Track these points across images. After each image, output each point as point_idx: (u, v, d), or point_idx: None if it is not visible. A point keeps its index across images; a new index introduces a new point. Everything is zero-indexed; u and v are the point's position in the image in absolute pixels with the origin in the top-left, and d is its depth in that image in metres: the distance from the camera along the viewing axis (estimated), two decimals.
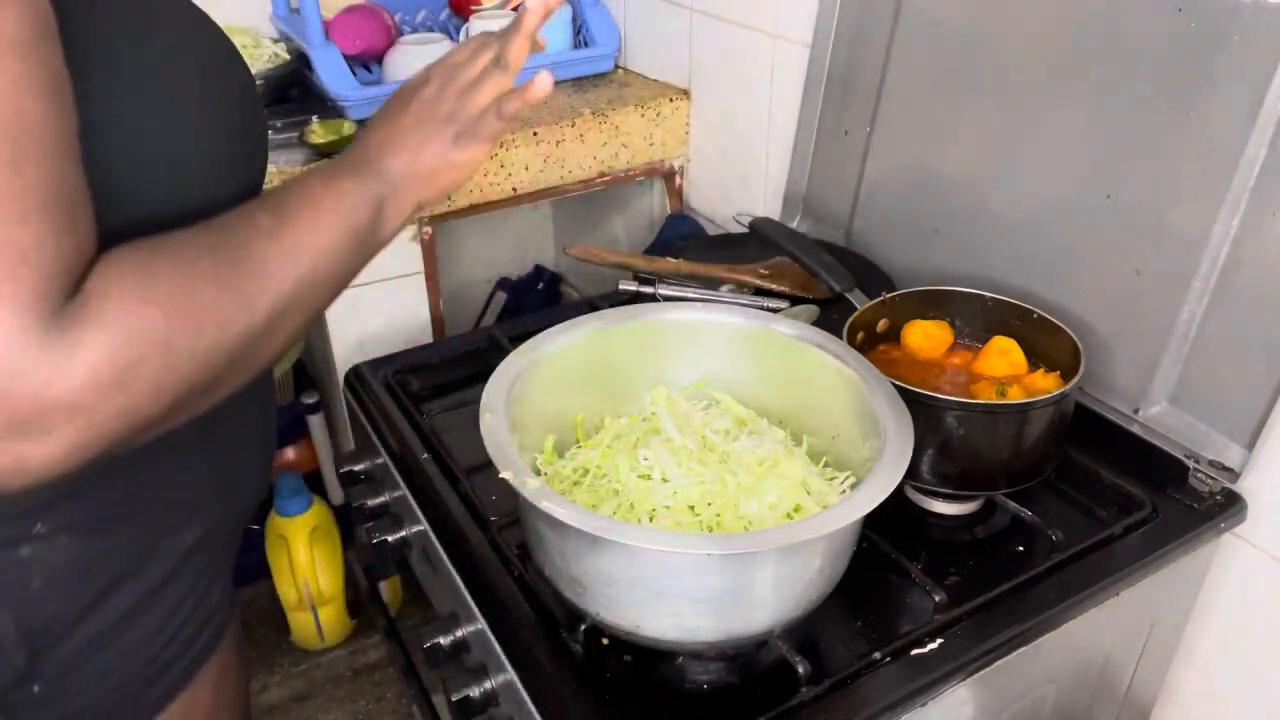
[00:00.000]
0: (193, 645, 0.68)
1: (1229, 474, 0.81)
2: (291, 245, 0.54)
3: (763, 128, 1.33)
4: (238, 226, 0.52)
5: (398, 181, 0.62)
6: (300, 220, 0.55)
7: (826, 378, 0.75)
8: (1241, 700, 0.92)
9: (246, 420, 0.70)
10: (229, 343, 0.49)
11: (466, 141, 0.64)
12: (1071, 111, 0.89)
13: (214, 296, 0.48)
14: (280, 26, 1.56)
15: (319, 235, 0.55)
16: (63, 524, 0.58)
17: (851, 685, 0.67)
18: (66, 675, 0.61)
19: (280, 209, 0.55)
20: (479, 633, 0.76)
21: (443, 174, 0.64)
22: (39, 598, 0.58)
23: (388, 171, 0.61)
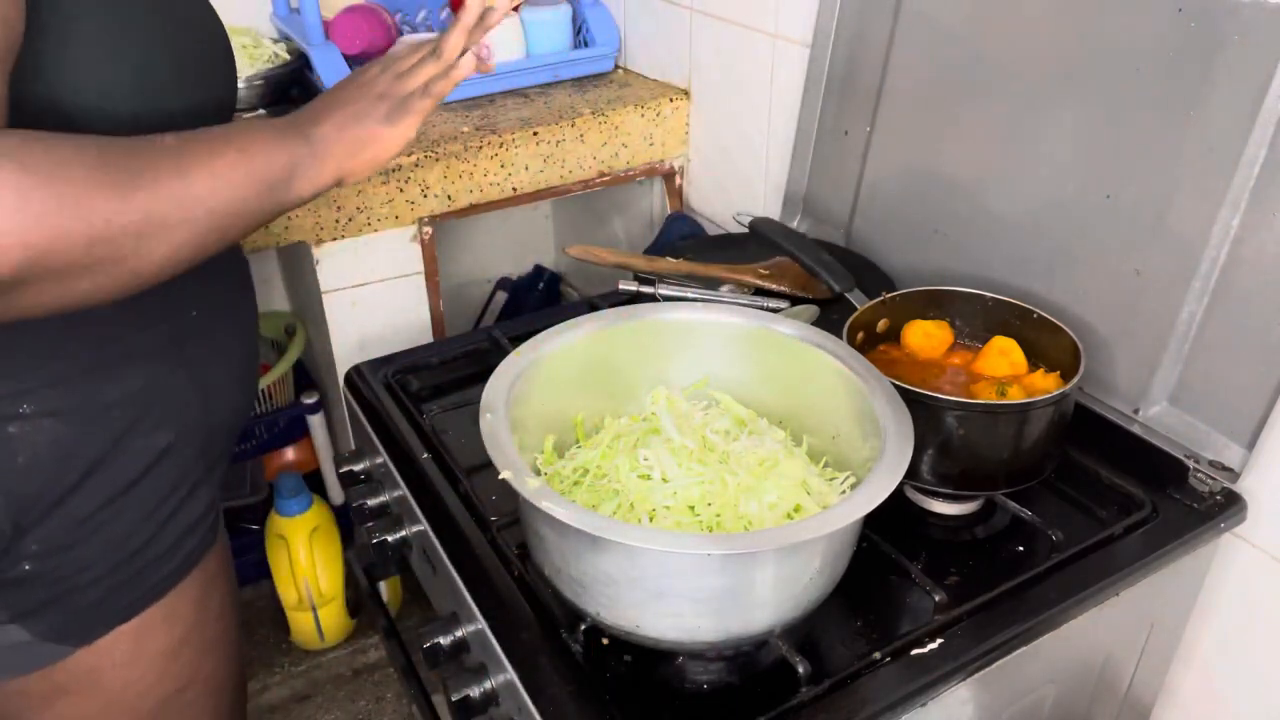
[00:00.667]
0: (174, 552, 0.74)
1: (1229, 474, 0.81)
2: (186, 165, 0.57)
3: (763, 128, 1.33)
4: (142, 139, 0.56)
5: (320, 146, 0.66)
6: (205, 149, 0.58)
7: (826, 378, 0.75)
8: (1241, 700, 0.92)
9: (223, 337, 0.76)
10: (95, 226, 0.51)
11: (396, 116, 0.69)
12: (1071, 111, 0.89)
13: (85, 178, 0.51)
14: (280, 26, 1.56)
15: (219, 165, 0.58)
16: (46, 409, 0.64)
17: (851, 685, 0.67)
18: (51, 556, 0.67)
19: (192, 136, 0.59)
20: (479, 633, 0.76)
21: (369, 145, 0.68)
22: (24, 473, 0.64)
23: (314, 135, 0.66)
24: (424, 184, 1.30)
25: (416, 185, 1.29)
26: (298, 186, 0.64)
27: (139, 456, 0.69)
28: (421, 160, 1.28)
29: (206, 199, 0.57)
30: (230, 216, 0.60)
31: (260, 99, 1.42)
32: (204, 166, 0.57)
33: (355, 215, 1.27)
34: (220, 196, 0.58)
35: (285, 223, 1.23)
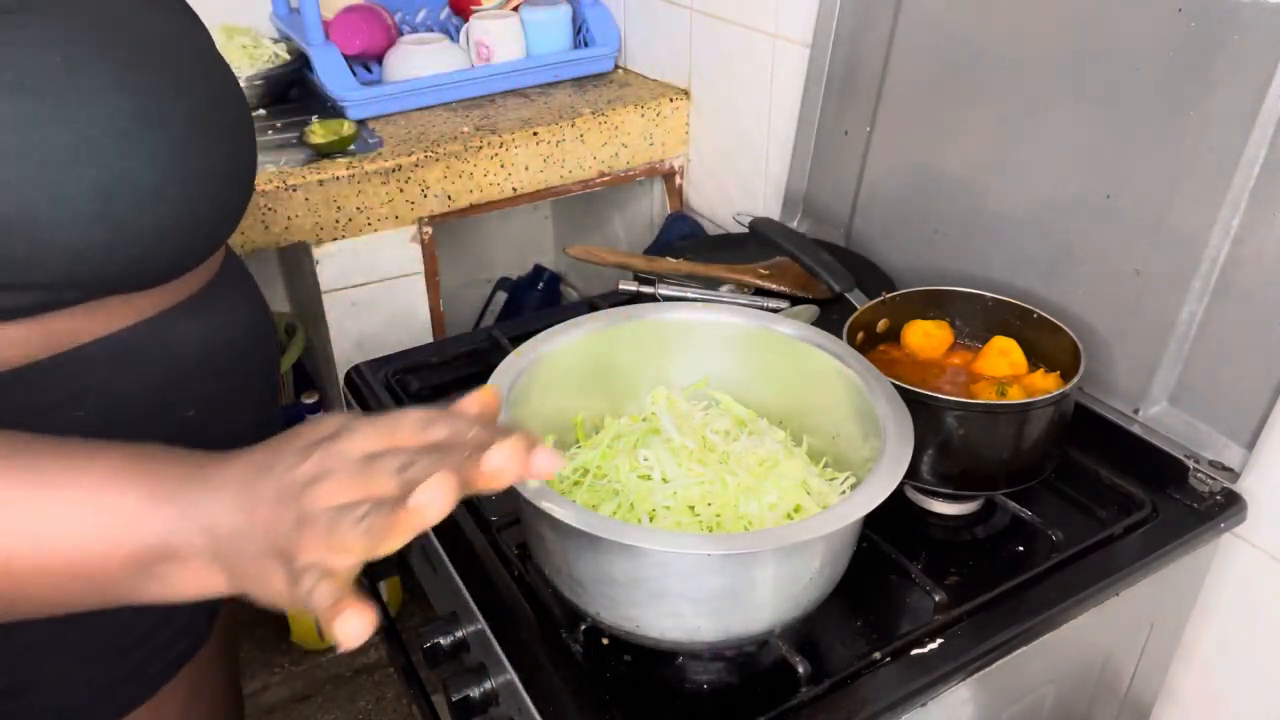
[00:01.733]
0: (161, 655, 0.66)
1: (1229, 474, 0.81)
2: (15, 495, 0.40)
3: (763, 128, 1.33)
4: None
5: (218, 542, 0.43)
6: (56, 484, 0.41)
7: (826, 378, 0.75)
8: (1241, 700, 0.92)
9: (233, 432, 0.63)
10: None
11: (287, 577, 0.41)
12: (1071, 111, 0.89)
13: None
14: (280, 26, 1.56)
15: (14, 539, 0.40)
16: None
17: (851, 685, 0.67)
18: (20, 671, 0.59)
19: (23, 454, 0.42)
20: (479, 633, 0.76)
21: (251, 582, 0.43)
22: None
23: (215, 522, 0.42)
24: (424, 184, 1.30)
25: (416, 185, 1.29)
26: (151, 588, 0.43)
27: None
28: (421, 160, 1.28)
29: None
30: (20, 591, 0.42)
31: (260, 99, 1.42)
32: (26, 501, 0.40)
33: (355, 215, 1.27)
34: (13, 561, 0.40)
35: (285, 223, 1.23)
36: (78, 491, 0.41)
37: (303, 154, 1.27)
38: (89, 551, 0.41)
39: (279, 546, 0.41)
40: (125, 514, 0.41)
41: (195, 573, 0.43)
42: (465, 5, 1.57)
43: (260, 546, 0.42)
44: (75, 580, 0.41)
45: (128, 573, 0.42)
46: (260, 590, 0.43)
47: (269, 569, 0.42)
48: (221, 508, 0.42)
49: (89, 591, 0.42)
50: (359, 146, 1.29)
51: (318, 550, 0.41)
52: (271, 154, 1.27)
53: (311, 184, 1.22)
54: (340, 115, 1.37)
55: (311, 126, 1.29)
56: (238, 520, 0.42)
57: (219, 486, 0.43)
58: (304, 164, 1.24)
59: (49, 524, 0.41)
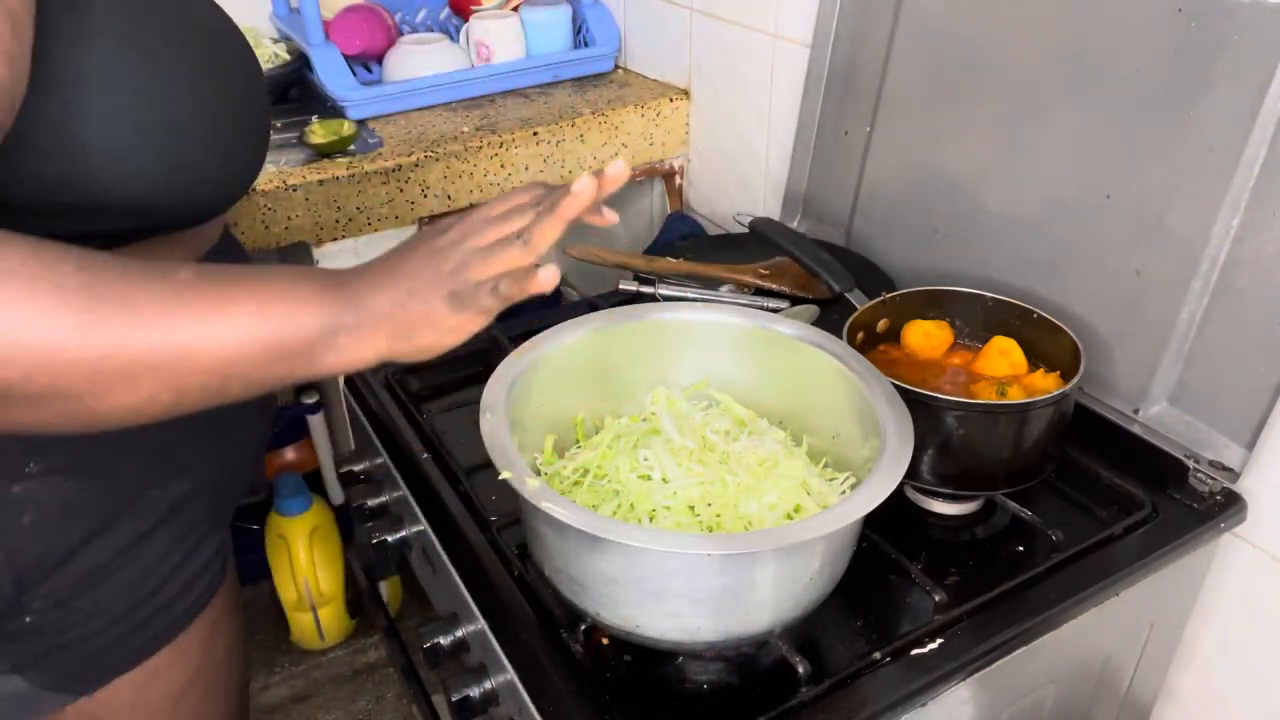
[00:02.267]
0: (182, 597, 0.71)
1: (1229, 474, 0.81)
2: (181, 310, 0.48)
3: (763, 128, 1.33)
4: (148, 267, 0.48)
5: (368, 317, 0.54)
6: (213, 295, 0.49)
7: (826, 378, 0.75)
8: (1241, 700, 0.92)
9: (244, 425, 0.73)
10: (35, 353, 0.44)
11: (459, 306, 0.55)
12: (1071, 111, 0.89)
13: (45, 297, 0.44)
14: (280, 26, 1.56)
15: (224, 319, 0.49)
16: (54, 466, 0.60)
17: (851, 685, 0.67)
18: (54, 609, 0.64)
19: (213, 274, 0.50)
20: (479, 633, 0.76)
21: (423, 329, 0.55)
22: (30, 534, 0.61)
23: (362, 304, 0.54)
24: (424, 184, 1.30)
25: (416, 185, 1.29)
26: (330, 358, 0.53)
27: (153, 509, 0.67)
28: (421, 160, 1.28)
29: (195, 355, 0.48)
30: (227, 378, 0.50)
31: None
32: (203, 316, 0.48)
33: (355, 215, 1.27)
34: (215, 355, 0.49)
35: (285, 223, 1.23)
36: (270, 293, 0.51)
37: (303, 154, 1.27)
38: (281, 339, 0.51)
39: (446, 288, 0.54)
40: (308, 305, 0.52)
41: (362, 339, 0.53)
42: (465, 5, 1.57)
43: (425, 296, 0.54)
44: (269, 365, 0.51)
45: (308, 345, 0.52)
46: (424, 336, 0.55)
47: (436, 311, 0.54)
48: (375, 289, 0.54)
49: (278, 368, 0.51)
50: (359, 146, 1.29)
51: (486, 268, 0.54)
52: (271, 154, 1.27)
53: (311, 184, 1.22)
54: (340, 115, 1.37)
55: (311, 126, 1.29)
56: (391, 293, 0.54)
57: (369, 279, 0.55)
58: (304, 164, 1.24)
59: (256, 324, 0.50)
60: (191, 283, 0.49)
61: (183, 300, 0.48)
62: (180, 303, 0.48)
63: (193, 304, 0.48)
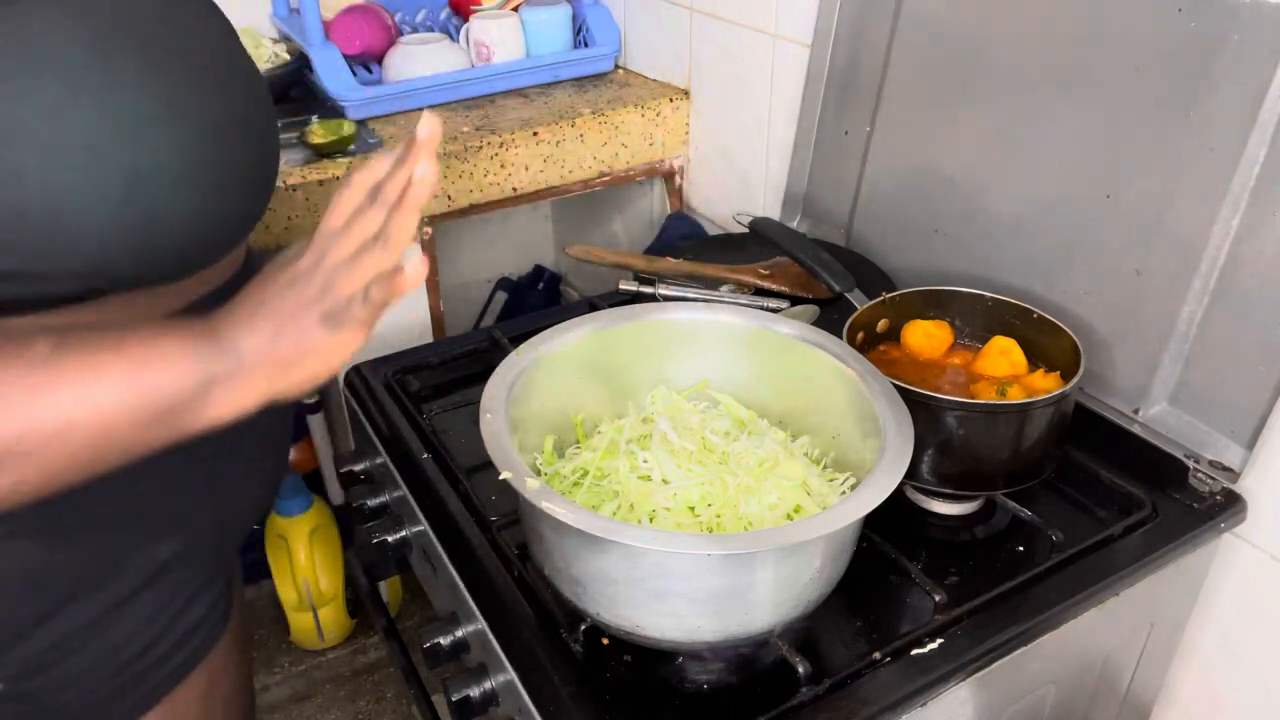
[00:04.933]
0: (172, 658, 0.67)
1: (1229, 474, 0.81)
2: (47, 381, 0.45)
3: (763, 128, 1.33)
4: (7, 345, 0.45)
5: (246, 363, 0.51)
6: (85, 363, 0.46)
7: (826, 378, 0.75)
8: (1241, 700, 0.92)
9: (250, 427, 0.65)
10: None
11: (334, 326, 0.53)
12: (1071, 111, 0.89)
13: None
14: (280, 26, 1.56)
15: (95, 384, 0.46)
16: (17, 529, 0.55)
17: (851, 685, 0.67)
18: (29, 678, 0.60)
19: (71, 342, 0.47)
20: (479, 633, 0.76)
21: (303, 360, 0.53)
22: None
23: (236, 349, 0.51)
24: None
25: None
26: (208, 412, 0.51)
27: (137, 572, 0.62)
28: None
29: (64, 432, 0.45)
30: (100, 449, 0.48)
31: None
32: (71, 385, 0.45)
33: None
34: (85, 429, 0.46)
35: (285, 223, 1.23)
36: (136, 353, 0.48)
37: (303, 154, 1.27)
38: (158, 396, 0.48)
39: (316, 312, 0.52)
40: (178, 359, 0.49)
41: (240, 386, 0.51)
42: (465, 5, 1.57)
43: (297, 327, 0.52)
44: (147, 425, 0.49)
45: (190, 404, 0.50)
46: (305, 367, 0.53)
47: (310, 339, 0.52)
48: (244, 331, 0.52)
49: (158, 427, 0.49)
50: (359, 146, 1.29)
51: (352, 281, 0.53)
52: None
53: (311, 184, 1.22)
54: (340, 115, 1.37)
55: (311, 126, 1.29)
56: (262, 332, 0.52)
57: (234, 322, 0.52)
58: (304, 164, 1.24)
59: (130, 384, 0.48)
60: (48, 357, 0.46)
61: (42, 377, 0.45)
62: (39, 380, 0.45)
63: (55, 378, 0.45)
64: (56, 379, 0.45)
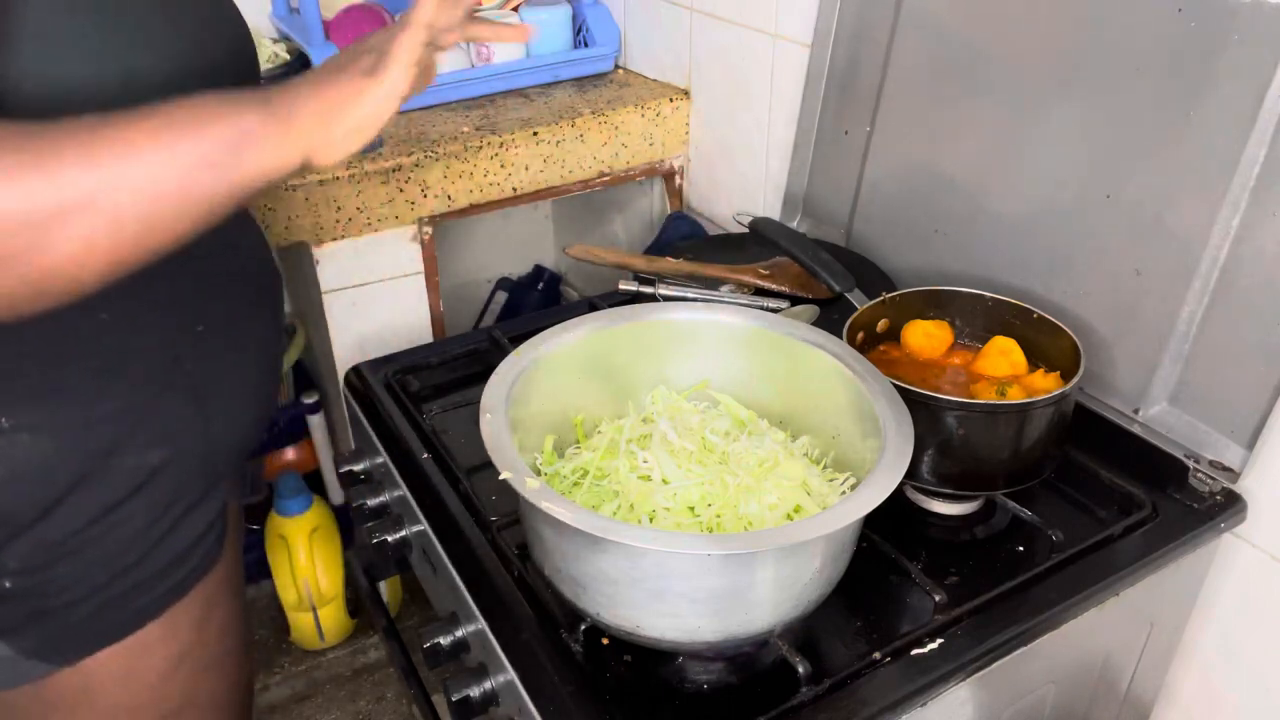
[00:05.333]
0: (169, 573, 0.70)
1: (1229, 474, 0.81)
2: (96, 142, 0.48)
3: (763, 128, 1.33)
4: (65, 120, 0.48)
5: (282, 107, 0.54)
6: (124, 122, 0.49)
7: (826, 378, 0.75)
8: (1241, 700, 0.92)
9: (233, 355, 0.69)
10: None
11: (380, 67, 0.56)
12: (1071, 111, 0.89)
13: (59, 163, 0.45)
14: (280, 26, 1.56)
15: (138, 139, 0.49)
16: (25, 422, 0.60)
17: (851, 685, 0.67)
18: (33, 574, 0.64)
19: (115, 114, 0.50)
20: (479, 633, 0.76)
21: (347, 105, 0.55)
22: (1, 488, 0.60)
23: (275, 98, 0.54)
24: (424, 184, 1.30)
25: (416, 185, 1.29)
26: (250, 159, 0.52)
27: (128, 475, 0.65)
28: (421, 160, 1.28)
29: (120, 180, 0.48)
30: (156, 200, 0.50)
31: None
32: (117, 142, 0.48)
33: (355, 215, 1.27)
34: (139, 176, 0.49)
35: (285, 222, 1.23)
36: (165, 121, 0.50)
37: None
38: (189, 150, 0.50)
39: (365, 63, 0.56)
40: (224, 106, 0.52)
41: (285, 131, 0.53)
42: None
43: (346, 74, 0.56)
44: (193, 176, 0.50)
45: (227, 154, 0.51)
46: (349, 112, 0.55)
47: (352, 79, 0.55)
48: (289, 91, 0.55)
49: (204, 179, 0.51)
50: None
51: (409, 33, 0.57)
52: None
53: (311, 184, 1.22)
54: None
55: None
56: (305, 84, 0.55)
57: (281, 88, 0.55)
58: None
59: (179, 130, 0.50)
60: (100, 122, 0.49)
61: (95, 135, 0.48)
62: (95, 137, 0.48)
63: (107, 136, 0.48)
64: (101, 138, 0.48)
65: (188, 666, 0.75)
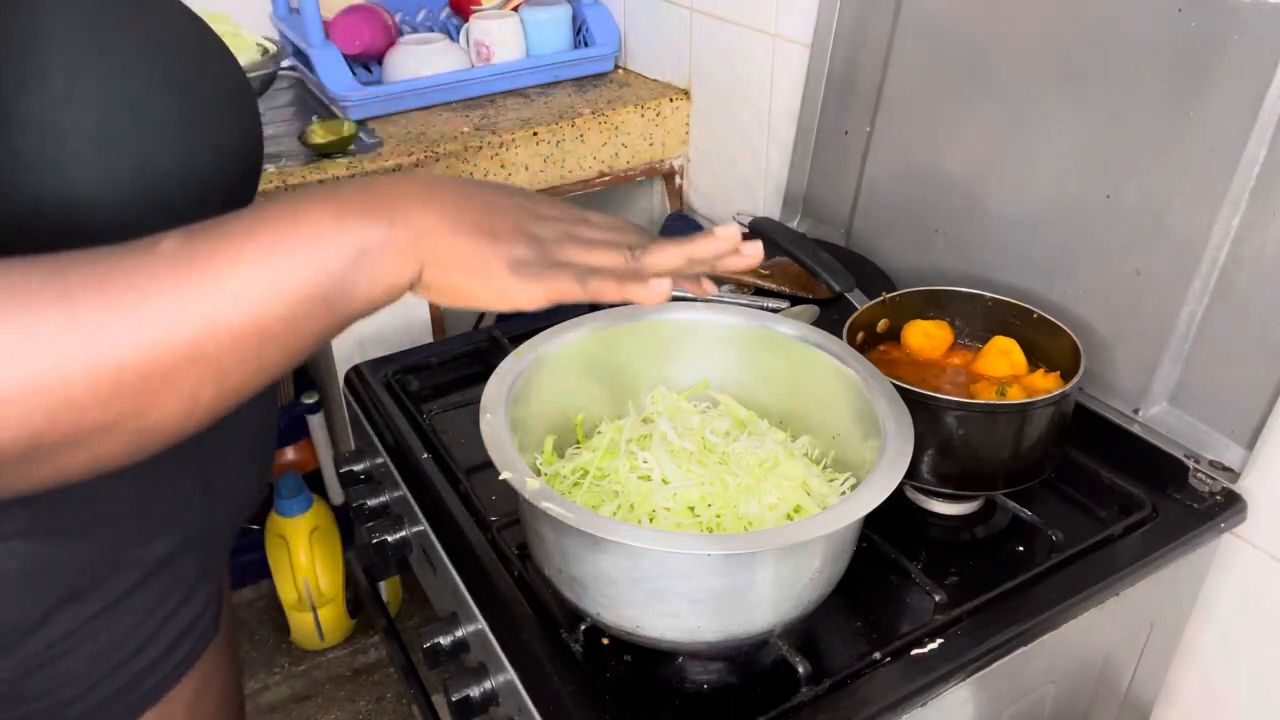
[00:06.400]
0: (168, 658, 0.66)
1: (1229, 474, 0.81)
2: (197, 280, 0.41)
3: (763, 128, 1.33)
4: (130, 249, 0.41)
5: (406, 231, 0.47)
6: (223, 250, 0.42)
7: (826, 378, 0.75)
8: (1241, 700, 0.92)
9: (239, 421, 0.63)
10: (70, 388, 0.38)
11: (522, 272, 0.49)
12: (1072, 111, 0.89)
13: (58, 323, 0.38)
14: (280, 26, 1.56)
15: (249, 273, 0.42)
16: (16, 529, 0.53)
17: (851, 685, 0.67)
18: (25, 678, 0.59)
19: (199, 233, 0.43)
20: (479, 633, 0.76)
21: (471, 273, 0.49)
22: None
23: (398, 216, 0.47)
24: None
25: None
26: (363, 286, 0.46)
27: (130, 571, 0.60)
28: (421, 160, 1.28)
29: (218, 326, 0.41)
30: (262, 341, 0.43)
31: None
32: (225, 277, 0.42)
33: None
34: (239, 317, 0.42)
35: None
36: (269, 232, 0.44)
37: (303, 154, 1.27)
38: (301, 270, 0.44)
39: (520, 248, 0.50)
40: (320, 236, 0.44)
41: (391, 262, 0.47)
42: (465, 5, 1.57)
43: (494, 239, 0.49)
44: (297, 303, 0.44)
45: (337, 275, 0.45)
46: (467, 285, 0.49)
47: (493, 262, 0.49)
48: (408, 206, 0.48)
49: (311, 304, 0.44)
50: (359, 146, 1.29)
51: (580, 256, 0.52)
52: (271, 154, 1.27)
53: (311, 184, 1.22)
54: (340, 115, 1.37)
55: (311, 126, 1.29)
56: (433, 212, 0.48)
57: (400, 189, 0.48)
58: (304, 164, 1.24)
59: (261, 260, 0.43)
60: (188, 248, 0.42)
61: (190, 268, 0.41)
62: (192, 272, 0.41)
63: (203, 269, 0.41)
64: (189, 274, 0.41)
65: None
